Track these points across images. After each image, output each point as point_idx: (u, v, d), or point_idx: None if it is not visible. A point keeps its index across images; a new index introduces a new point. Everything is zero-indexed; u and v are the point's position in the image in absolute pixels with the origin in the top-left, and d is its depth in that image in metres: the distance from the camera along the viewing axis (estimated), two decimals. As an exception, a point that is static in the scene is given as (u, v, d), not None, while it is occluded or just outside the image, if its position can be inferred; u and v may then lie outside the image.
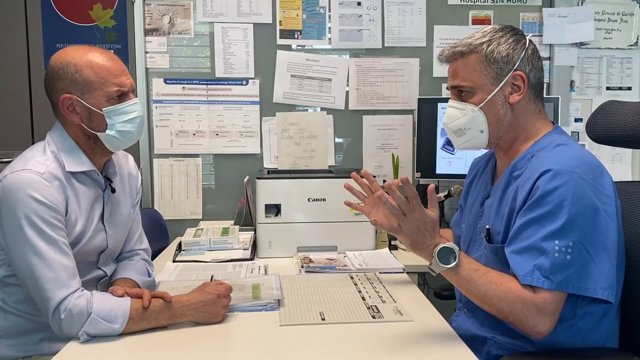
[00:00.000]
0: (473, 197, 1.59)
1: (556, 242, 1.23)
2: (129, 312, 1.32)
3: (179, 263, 1.99)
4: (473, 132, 1.44)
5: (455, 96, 1.45)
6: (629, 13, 2.78)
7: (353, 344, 1.30)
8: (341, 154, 2.76)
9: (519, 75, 1.39)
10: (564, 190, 1.25)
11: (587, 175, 1.27)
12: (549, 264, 1.23)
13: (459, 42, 1.43)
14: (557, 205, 1.25)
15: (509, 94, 1.40)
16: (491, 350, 1.39)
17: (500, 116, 1.41)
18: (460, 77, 1.42)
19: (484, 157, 1.66)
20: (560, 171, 1.26)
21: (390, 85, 2.72)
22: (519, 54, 1.39)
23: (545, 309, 1.23)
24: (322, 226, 2.10)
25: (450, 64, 1.46)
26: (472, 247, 1.54)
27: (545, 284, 1.23)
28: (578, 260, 1.23)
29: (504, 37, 1.40)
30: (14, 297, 1.44)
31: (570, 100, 2.79)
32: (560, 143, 1.37)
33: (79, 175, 1.47)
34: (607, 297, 1.24)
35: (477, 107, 1.41)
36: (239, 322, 1.43)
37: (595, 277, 1.24)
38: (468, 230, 1.58)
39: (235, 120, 2.68)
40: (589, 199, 1.25)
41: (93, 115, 1.45)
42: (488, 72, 1.39)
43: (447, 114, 1.47)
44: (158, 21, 2.63)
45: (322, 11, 2.68)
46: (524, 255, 1.27)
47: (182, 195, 2.69)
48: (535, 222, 1.27)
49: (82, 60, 1.43)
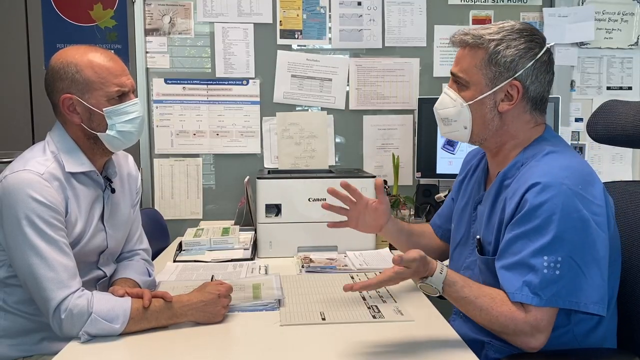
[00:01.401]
0: (465, 199, 1.57)
1: (545, 258, 1.21)
2: (130, 311, 1.32)
3: (180, 263, 1.99)
4: (457, 125, 1.41)
5: (453, 82, 1.42)
6: (629, 13, 2.78)
7: (353, 344, 1.30)
8: (341, 154, 2.76)
9: (515, 85, 1.34)
10: (552, 204, 1.22)
11: (577, 186, 1.24)
12: (538, 280, 1.21)
13: (473, 30, 1.37)
14: (545, 220, 1.22)
15: (500, 100, 1.35)
16: (489, 354, 1.38)
17: (486, 119, 1.37)
18: (460, 66, 1.39)
19: (476, 154, 1.62)
20: (549, 184, 1.23)
21: (391, 85, 2.72)
22: (524, 63, 1.33)
23: (538, 326, 1.22)
24: (323, 226, 2.08)
25: (458, 48, 1.41)
26: (465, 251, 1.51)
27: (534, 301, 1.21)
28: (568, 274, 1.21)
29: (517, 41, 1.33)
30: (14, 297, 1.44)
31: (570, 100, 2.79)
32: (550, 151, 1.33)
33: (79, 176, 1.47)
34: (598, 311, 1.22)
35: (465, 103, 1.37)
36: (239, 322, 1.43)
37: (586, 292, 1.22)
38: (459, 232, 1.56)
39: (235, 120, 2.68)
40: (579, 211, 1.22)
41: (93, 115, 1.45)
42: (486, 73, 1.35)
43: (440, 99, 1.44)
44: (158, 21, 2.63)
45: (323, 11, 2.68)
46: (513, 271, 1.25)
47: (183, 195, 2.69)
48: (524, 237, 1.24)
49: (82, 60, 1.43)
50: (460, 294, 1.27)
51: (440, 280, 1.26)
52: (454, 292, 1.27)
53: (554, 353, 1.30)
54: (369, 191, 2.08)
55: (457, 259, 1.54)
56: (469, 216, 1.52)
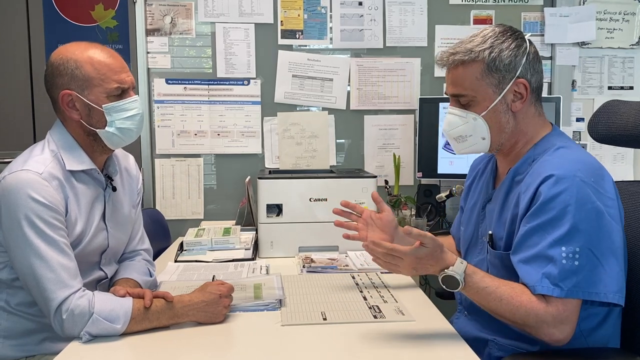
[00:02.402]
0: (473, 200, 1.58)
1: (562, 249, 1.22)
2: (131, 312, 1.32)
3: (181, 263, 1.99)
4: (474, 139, 1.41)
5: (455, 103, 1.42)
6: (630, 12, 2.78)
7: (354, 344, 1.30)
8: (342, 154, 2.76)
9: (521, 82, 1.36)
10: (567, 196, 1.24)
11: (589, 179, 1.26)
12: (557, 271, 1.22)
13: (458, 47, 1.37)
14: (561, 211, 1.23)
15: (511, 101, 1.37)
16: (492, 352, 1.39)
17: (502, 124, 1.39)
18: (461, 86, 1.38)
19: (483, 158, 1.64)
20: (562, 176, 1.25)
21: (392, 85, 2.72)
22: (520, 61, 1.35)
23: (560, 317, 1.22)
24: (324, 226, 2.10)
25: (448, 70, 1.41)
26: (473, 251, 1.52)
27: (555, 292, 1.21)
28: (587, 265, 1.22)
29: (506, 42, 1.35)
30: (17, 298, 1.44)
31: (571, 100, 2.79)
32: (561, 146, 1.36)
33: (79, 174, 1.47)
34: (618, 301, 1.23)
35: (479, 116, 1.38)
36: (240, 322, 1.43)
37: (605, 282, 1.22)
38: (467, 232, 1.57)
39: (236, 120, 2.69)
40: (593, 202, 1.24)
41: (92, 111, 1.44)
42: (490, 81, 1.36)
43: (447, 121, 1.43)
44: (159, 21, 2.63)
45: (324, 11, 2.68)
46: (532, 264, 1.25)
47: (184, 195, 2.69)
48: (540, 229, 1.26)
49: (82, 56, 1.43)
50: (481, 284, 1.27)
51: (462, 269, 1.26)
52: (475, 283, 1.27)
53: (556, 352, 1.30)
54: (370, 191, 2.08)
55: (467, 260, 1.54)
56: (477, 216, 1.53)
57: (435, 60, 1.45)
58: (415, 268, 1.28)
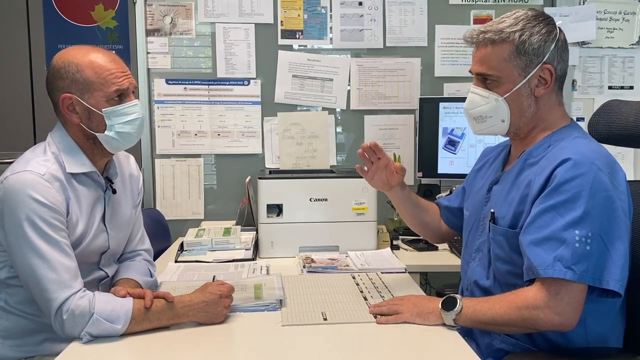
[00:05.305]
0: (480, 184, 1.58)
1: (576, 232, 1.22)
2: (132, 312, 1.32)
3: (181, 263, 1.99)
4: (494, 121, 1.42)
5: (479, 82, 1.43)
6: (630, 12, 2.78)
7: (355, 344, 1.30)
8: (343, 154, 2.76)
9: (547, 68, 1.37)
10: (582, 180, 1.24)
11: (606, 169, 1.27)
12: (570, 254, 1.21)
13: (490, 27, 1.39)
14: (575, 195, 1.24)
15: (535, 86, 1.38)
16: (495, 343, 1.38)
17: (524, 107, 1.39)
18: (487, 65, 1.39)
19: (497, 147, 1.64)
20: (580, 161, 1.26)
21: (392, 85, 2.72)
22: (549, 46, 1.36)
23: (553, 299, 1.22)
24: (324, 226, 2.10)
25: (477, 48, 1.42)
26: (475, 234, 1.52)
27: (568, 275, 1.20)
28: (596, 252, 1.22)
29: (537, 27, 1.36)
30: (16, 298, 1.44)
31: (572, 100, 2.79)
32: (579, 136, 1.38)
33: (80, 177, 1.47)
34: (619, 289, 1.23)
35: (501, 97, 1.39)
36: (240, 323, 1.43)
37: (610, 270, 1.23)
38: (472, 216, 1.57)
39: (236, 120, 2.69)
40: (608, 191, 1.24)
41: (92, 115, 1.45)
42: (517, 64, 1.37)
43: (470, 100, 1.45)
44: (159, 22, 2.63)
45: (324, 11, 2.68)
46: (543, 246, 1.25)
47: (184, 196, 2.69)
48: (552, 210, 1.25)
49: (83, 60, 1.43)
50: (474, 317, 1.33)
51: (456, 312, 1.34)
52: (468, 317, 1.33)
53: (558, 352, 1.30)
54: (369, 190, 2.08)
55: (470, 244, 1.55)
56: (481, 198, 1.53)
57: (464, 39, 1.44)
58: (415, 304, 1.41)
